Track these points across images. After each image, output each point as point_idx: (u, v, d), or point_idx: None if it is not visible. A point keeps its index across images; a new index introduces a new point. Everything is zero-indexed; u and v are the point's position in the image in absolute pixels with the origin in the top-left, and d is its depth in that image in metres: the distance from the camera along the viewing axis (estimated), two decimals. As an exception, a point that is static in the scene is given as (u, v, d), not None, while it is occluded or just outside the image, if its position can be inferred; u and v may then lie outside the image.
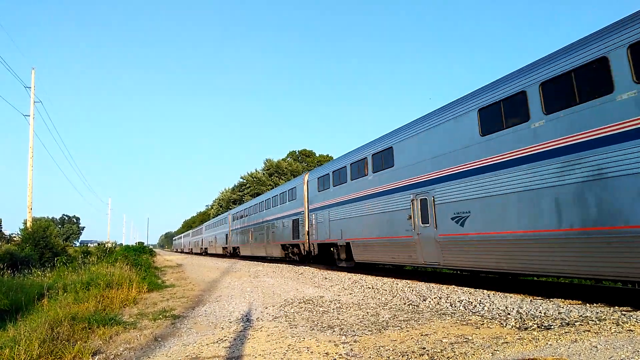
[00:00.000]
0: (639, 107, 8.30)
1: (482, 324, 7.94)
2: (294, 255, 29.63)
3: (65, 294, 12.39)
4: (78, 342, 7.81)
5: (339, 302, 11.71)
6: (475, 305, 9.83)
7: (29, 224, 27.16)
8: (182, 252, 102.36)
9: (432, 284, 13.98)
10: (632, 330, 6.43)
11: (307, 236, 25.77)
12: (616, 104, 8.66)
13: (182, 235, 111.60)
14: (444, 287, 13.12)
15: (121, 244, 76.83)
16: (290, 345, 7.14)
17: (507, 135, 11.23)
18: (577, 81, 9.54)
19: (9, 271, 16.47)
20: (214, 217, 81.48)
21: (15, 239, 32.48)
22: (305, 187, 26.42)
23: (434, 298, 11.23)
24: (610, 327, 6.69)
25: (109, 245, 51.26)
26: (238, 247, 45.19)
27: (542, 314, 8.33)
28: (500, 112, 11.56)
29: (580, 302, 9.62)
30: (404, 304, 11.15)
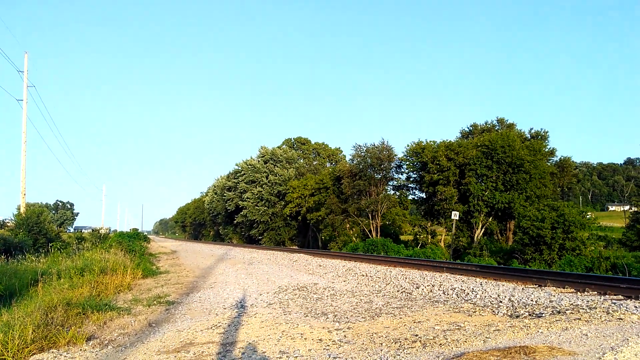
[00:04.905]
0: None
1: (475, 312, 8.01)
2: None
3: (59, 280, 12.37)
4: (72, 327, 7.82)
5: (333, 289, 11.78)
6: (468, 293, 9.91)
7: (22, 210, 26.96)
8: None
9: (426, 272, 14.08)
10: (621, 319, 6.51)
11: None
12: None
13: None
14: (437, 274, 13.21)
15: (115, 230, 76.66)
16: (284, 331, 7.17)
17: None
18: None
19: (2, 257, 16.40)
20: (208, 205, 77.68)
21: (8, 224, 32.28)
22: None
23: (427, 286, 11.31)
24: (600, 316, 6.77)
25: (103, 231, 51.15)
26: None
27: (534, 302, 8.42)
28: None
29: (572, 290, 9.73)
30: (397, 291, 11.23)
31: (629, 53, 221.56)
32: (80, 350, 6.97)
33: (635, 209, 40.88)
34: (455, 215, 29.49)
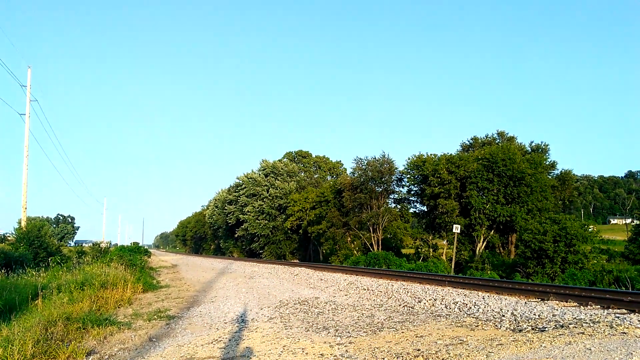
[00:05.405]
0: None
1: (477, 326, 7.95)
2: None
3: (59, 294, 12.32)
4: (72, 342, 7.77)
5: (335, 304, 11.71)
6: (470, 307, 9.85)
7: (23, 224, 26.94)
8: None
9: (427, 286, 14.00)
10: (625, 333, 6.46)
11: None
12: None
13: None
14: (439, 288, 13.14)
15: (116, 244, 76.46)
16: (285, 346, 7.13)
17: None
18: None
19: (2, 271, 16.33)
20: (209, 218, 79.27)
21: (9, 238, 32.23)
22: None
23: (429, 300, 11.24)
24: (604, 330, 6.72)
25: (104, 245, 51.03)
26: None
27: (537, 316, 8.37)
28: None
29: (575, 304, 9.67)
30: (399, 305, 11.16)
31: (630, 65, 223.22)
32: (80, 365, 6.91)
33: (638, 222, 40.76)
34: (456, 229, 29.38)
